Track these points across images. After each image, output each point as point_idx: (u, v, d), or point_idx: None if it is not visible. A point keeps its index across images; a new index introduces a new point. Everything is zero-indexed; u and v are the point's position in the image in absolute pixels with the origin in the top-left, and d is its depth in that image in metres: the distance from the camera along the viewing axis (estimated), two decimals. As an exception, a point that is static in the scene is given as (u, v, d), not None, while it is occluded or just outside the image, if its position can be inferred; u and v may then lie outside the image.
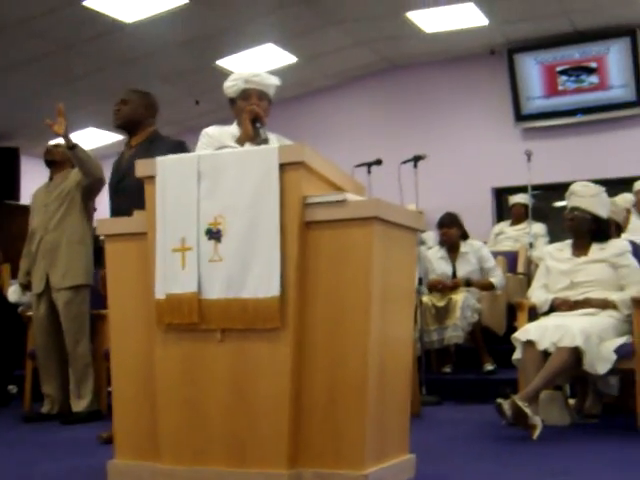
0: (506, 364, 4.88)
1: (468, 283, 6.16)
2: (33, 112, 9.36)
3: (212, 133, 3.47)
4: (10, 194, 9.93)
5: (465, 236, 6.38)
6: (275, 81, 3.54)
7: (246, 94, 3.47)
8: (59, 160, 5.22)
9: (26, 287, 5.28)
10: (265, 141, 3.33)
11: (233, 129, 3.51)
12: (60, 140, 4.83)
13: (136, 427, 2.91)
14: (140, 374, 2.91)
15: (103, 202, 4.70)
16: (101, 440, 3.99)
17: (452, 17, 8.38)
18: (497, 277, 6.23)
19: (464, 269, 6.24)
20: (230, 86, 3.51)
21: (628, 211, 6.26)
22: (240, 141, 3.34)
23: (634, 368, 4.14)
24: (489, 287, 6.26)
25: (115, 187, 4.31)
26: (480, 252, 6.30)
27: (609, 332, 4.23)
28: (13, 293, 5.79)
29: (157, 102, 4.49)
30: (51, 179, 5.28)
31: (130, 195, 4.08)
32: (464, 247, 6.31)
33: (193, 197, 2.76)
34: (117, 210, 4.20)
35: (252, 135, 3.36)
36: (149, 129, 4.37)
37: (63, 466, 3.51)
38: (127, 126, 4.36)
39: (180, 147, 4.16)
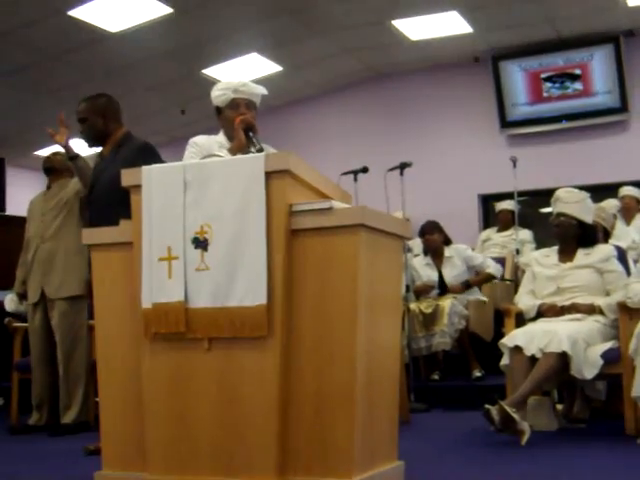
0: (494, 370, 4.89)
1: (468, 284, 6.24)
2: (18, 123, 9.36)
3: (201, 142, 3.47)
4: (-5, 205, 9.91)
5: (448, 241, 6.44)
6: (262, 91, 3.55)
7: (234, 103, 3.47)
8: (58, 168, 5.18)
9: (23, 296, 5.23)
10: (261, 150, 3.30)
11: (220, 138, 3.51)
12: (58, 148, 4.78)
13: (123, 437, 2.90)
14: (127, 384, 2.90)
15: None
16: (87, 452, 3.96)
17: (437, 25, 8.41)
18: (491, 267, 6.35)
19: (451, 273, 6.29)
20: (218, 95, 3.51)
21: (614, 217, 6.29)
22: (233, 150, 3.33)
23: (621, 373, 4.16)
24: (489, 278, 6.36)
25: (87, 199, 4.29)
26: (465, 253, 6.37)
27: (596, 337, 4.25)
28: (10, 302, 5.73)
29: (112, 100, 4.37)
30: (49, 187, 5.23)
31: (96, 206, 4.07)
32: (448, 252, 6.37)
33: (179, 206, 2.76)
34: (89, 221, 4.17)
35: (244, 144, 3.35)
36: (118, 134, 4.28)
37: (50, 478, 3.49)
38: (97, 141, 4.31)
39: (144, 150, 4.09)
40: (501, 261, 7.27)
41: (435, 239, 6.36)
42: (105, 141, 4.29)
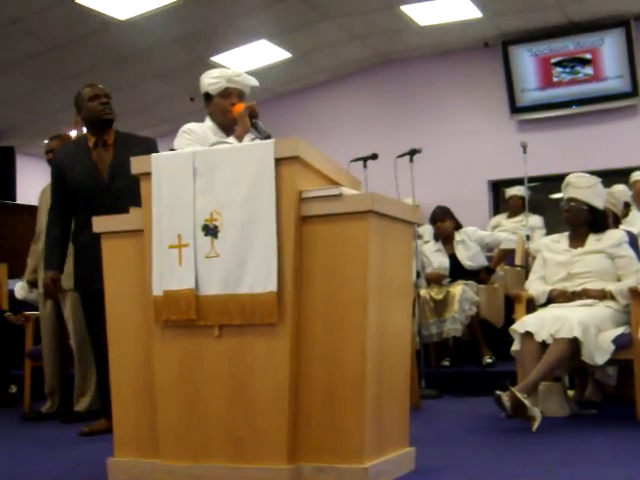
0: (505, 356, 4.89)
1: (489, 270, 6.28)
2: (28, 111, 9.37)
3: (196, 130, 3.49)
4: (6, 193, 9.90)
5: (459, 227, 6.44)
6: (254, 82, 3.64)
7: (227, 92, 3.54)
8: None
9: (33, 284, 5.29)
10: (269, 137, 3.30)
11: (209, 124, 3.54)
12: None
13: (135, 424, 2.92)
14: (138, 371, 2.91)
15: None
16: (83, 433, 4.03)
17: (446, 10, 8.37)
18: (503, 241, 6.42)
19: (466, 255, 6.30)
20: (212, 83, 3.55)
21: (628, 204, 6.25)
22: (239, 137, 3.35)
23: (632, 358, 4.15)
24: (506, 254, 6.48)
25: (104, 188, 4.17)
26: (476, 234, 6.40)
27: (607, 322, 4.23)
28: (20, 290, 5.75)
29: None
30: None
31: (124, 196, 3.99)
32: (459, 236, 6.38)
33: (189, 193, 2.76)
34: (112, 211, 4.08)
35: (248, 131, 3.38)
36: (113, 127, 4.33)
37: (64, 464, 3.51)
38: (106, 123, 4.28)
39: (155, 146, 4.19)
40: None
41: (447, 226, 6.35)
42: (109, 129, 4.28)
